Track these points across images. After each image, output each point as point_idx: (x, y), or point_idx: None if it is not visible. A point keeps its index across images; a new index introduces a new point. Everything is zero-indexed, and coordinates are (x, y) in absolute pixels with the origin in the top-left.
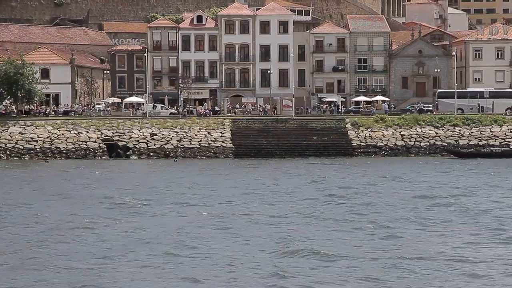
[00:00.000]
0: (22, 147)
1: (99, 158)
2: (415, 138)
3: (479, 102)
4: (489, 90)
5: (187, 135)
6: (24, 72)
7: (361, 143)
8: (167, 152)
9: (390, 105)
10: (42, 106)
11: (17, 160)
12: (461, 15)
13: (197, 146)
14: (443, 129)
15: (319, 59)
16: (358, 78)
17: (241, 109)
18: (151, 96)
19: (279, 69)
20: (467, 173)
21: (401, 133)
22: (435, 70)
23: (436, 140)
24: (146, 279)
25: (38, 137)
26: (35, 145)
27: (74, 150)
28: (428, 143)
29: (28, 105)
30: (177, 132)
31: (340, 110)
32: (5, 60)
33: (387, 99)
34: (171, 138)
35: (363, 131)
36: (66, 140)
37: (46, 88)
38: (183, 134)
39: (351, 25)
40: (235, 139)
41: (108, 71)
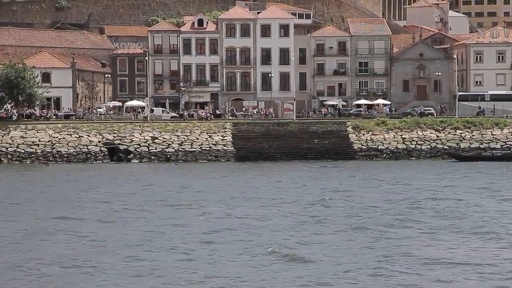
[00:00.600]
0: (23, 151)
1: (100, 161)
2: (416, 141)
3: (496, 104)
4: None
5: (188, 139)
6: (25, 76)
7: (362, 147)
8: (168, 156)
9: (391, 108)
10: (44, 110)
11: (18, 164)
12: (462, 18)
13: (198, 149)
14: (444, 132)
15: (320, 62)
16: (359, 81)
17: (242, 113)
18: (152, 99)
19: (280, 72)
20: (462, 176)
21: (402, 136)
22: (436, 73)
23: (437, 143)
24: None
25: (39, 141)
26: (36, 149)
27: (75, 153)
28: (429, 146)
29: (29, 109)
30: (178, 136)
31: (341, 113)
32: (6, 64)
33: (388, 102)
34: (172, 142)
35: (364, 134)
36: (67, 144)
37: (47, 92)
38: (184, 138)
39: (352, 29)
40: (236, 142)
41: (109, 75)
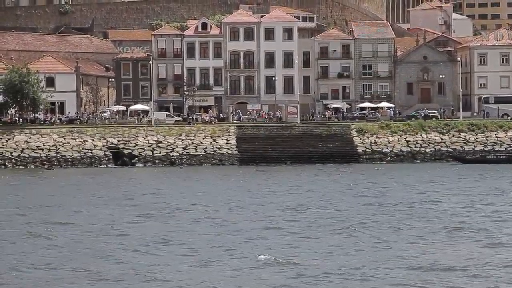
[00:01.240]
0: (27, 156)
1: (105, 166)
2: (420, 144)
3: None
4: None
5: (192, 143)
6: (29, 80)
7: (367, 150)
8: (173, 160)
9: (395, 111)
10: (48, 115)
11: (22, 169)
12: (465, 20)
13: (203, 153)
14: (448, 135)
15: (324, 65)
16: (363, 84)
17: (246, 116)
18: (156, 103)
19: (284, 75)
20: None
21: (407, 139)
22: (440, 76)
23: (441, 146)
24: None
25: (43, 145)
26: (40, 154)
27: (80, 158)
28: (433, 149)
29: (33, 114)
30: (183, 140)
31: (345, 116)
32: (10, 69)
33: (392, 105)
34: (176, 146)
35: (368, 137)
36: (71, 148)
37: (51, 97)
38: (188, 142)
39: (355, 32)
40: (241, 146)
41: (113, 79)
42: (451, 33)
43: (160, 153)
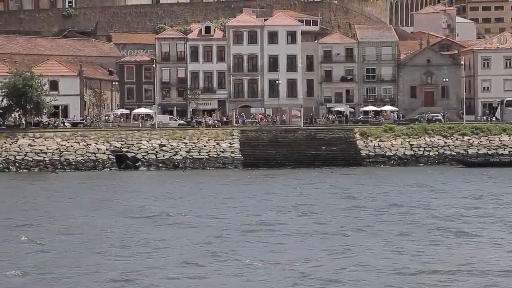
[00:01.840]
0: (31, 159)
1: (108, 169)
2: (424, 148)
3: None
4: None
5: (196, 146)
6: (33, 84)
7: (370, 153)
8: (176, 163)
9: (399, 115)
10: (52, 118)
11: (26, 172)
12: (469, 24)
13: (206, 156)
14: (452, 138)
15: (327, 69)
16: (367, 87)
17: (251, 120)
18: (159, 107)
19: (288, 79)
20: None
21: (410, 142)
22: (444, 80)
23: (445, 150)
24: None
25: (47, 149)
26: (44, 157)
27: (83, 161)
28: (437, 153)
29: (37, 117)
30: (186, 143)
31: (348, 119)
32: (13, 72)
33: (395, 108)
34: (180, 149)
35: (372, 140)
36: (75, 152)
37: (54, 100)
38: (192, 145)
39: (359, 35)
40: (244, 149)
41: (117, 83)
42: (454, 36)
43: (163, 156)
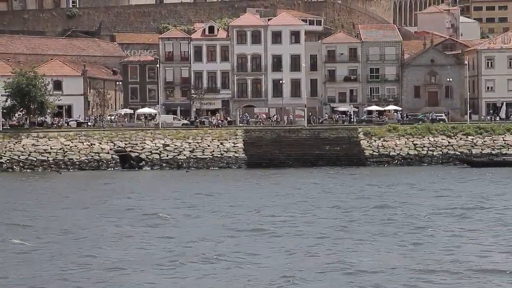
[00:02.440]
0: (35, 159)
1: (112, 169)
2: (427, 147)
3: None
4: None
5: (199, 146)
6: (36, 84)
7: (374, 153)
8: (180, 163)
9: (403, 115)
10: (56, 118)
11: (30, 172)
12: (473, 24)
13: (210, 156)
14: (455, 138)
15: (331, 68)
16: (370, 87)
17: (254, 119)
18: (163, 107)
19: (291, 79)
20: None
21: (414, 142)
22: (447, 79)
23: (449, 149)
24: None
25: (51, 148)
26: (48, 157)
27: (87, 161)
28: (441, 152)
29: (41, 117)
30: (190, 143)
31: (352, 119)
32: (17, 72)
33: (399, 108)
34: (183, 149)
35: (375, 140)
36: (79, 152)
37: (58, 100)
38: (195, 145)
39: (363, 35)
40: (248, 149)
41: (120, 82)
42: (458, 36)
43: (167, 156)
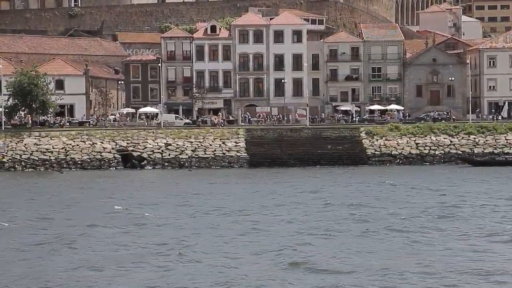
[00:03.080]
0: (37, 158)
1: (114, 168)
2: (429, 147)
3: None
4: None
5: (201, 145)
6: (38, 83)
7: (376, 152)
8: (182, 162)
9: (404, 114)
10: (58, 117)
11: (32, 171)
12: (475, 23)
13: (212, 156)
14: (457, 137)
15: (333, 68)
16: (372, 86)
17: (256, 119)
18: (165, 106)
19: (293, 78)
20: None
21: (416, 141)
22: (449, 79)
23: (451, 149)
24: None
25: (53, 148)
26: (50, 156)
27: (89, 160)
28: (442, 152)
29: (43, 116)
30: (192, 142)
31: (354, 119)
32: (19, 71)
33: (401, 107)
34: (185, 148)
35: (377, 139)
36: (81, 151)
37: (60, 99)
38: (197, 144)
39: (365, 34)
40: (250, 148)
41: (122, 82)
42: (460, 35)
43: (169, 155)
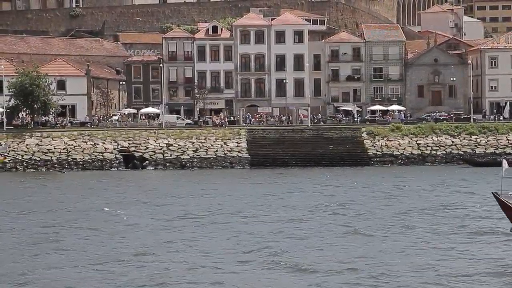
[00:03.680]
0: (38, 159)
1: (115, 169)
2: (431, 147)
3: None
4: None
5: (203, 146)
6: (40, 83)
7: (377, 152)
8: (183, 163)
9: (406, 114)
10: (59, 118)
11: (33, 172)
12: (476, 23)
13: (213, 156)
14: (459, 137)
15: (334, 68)
16: (374, 87)
17: (257, 119)
18: (167, 106)
19: (295, 78)
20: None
21: (417, 142)
22: (451, 79)
23: (452, 149)
24: None
25: (54, 148)
26: (51, 157)
27: (91, 161)
28: (444, 152)
29: (44, 117)
30: (193, 143)
31: (356, 119)
32: (21, 72)
33: (402, 108)
34: (187, 149)
35: (379, 140)
36: (82, 151)
37: (62, 100)
38: (199, 145)
39: (366, 34)
40: (251, 149)
41: (124, 82)
42: (462, 36)
43: (170, 156)
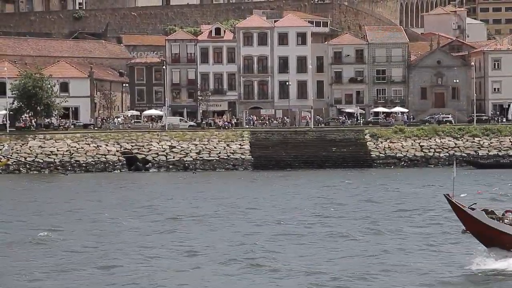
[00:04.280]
0: (41, 161)
1: (119, 171)
2: (434, 149)
3: None
4: None
5: (206, 148)
6: (43, 85)
7: (380, 154)
8: (186, 165)
9: (409, 116)
10: (62, 120)
11: (36, 174)
12: (479, 25)
13: (216, 158)
14: (462, 139)
15: (337, 70)
16: (377, 89)
17: (260, 121)
18: (169, 108)
19: (298, 80)
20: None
21: (420, 144)
22: (454, 81)
23: (455, 151)
24: None
25: (57, 150)
26: (54, 159)
27: (94, 163)
28: (447, 154)
29: (47, 119)
30: (196, 145)
31: (358, 121)
32: (24, 74)
33: (405, 110)
34: (190, 151)
35: (382, 142)
36: (85, 154)
37: (65, 102)
38: (202, 147)
39: (369, 36)
40: (254, 151)
41: (127, 84)
42: (465, 37)
43: (173, 158)
